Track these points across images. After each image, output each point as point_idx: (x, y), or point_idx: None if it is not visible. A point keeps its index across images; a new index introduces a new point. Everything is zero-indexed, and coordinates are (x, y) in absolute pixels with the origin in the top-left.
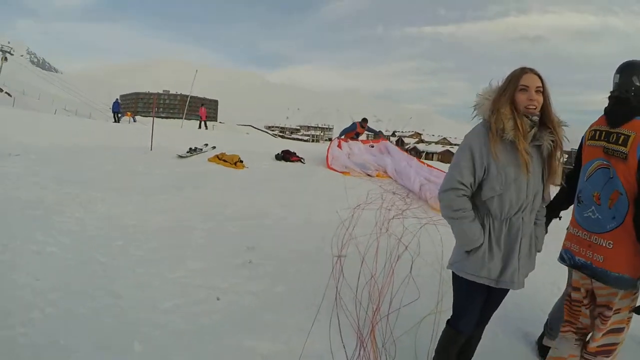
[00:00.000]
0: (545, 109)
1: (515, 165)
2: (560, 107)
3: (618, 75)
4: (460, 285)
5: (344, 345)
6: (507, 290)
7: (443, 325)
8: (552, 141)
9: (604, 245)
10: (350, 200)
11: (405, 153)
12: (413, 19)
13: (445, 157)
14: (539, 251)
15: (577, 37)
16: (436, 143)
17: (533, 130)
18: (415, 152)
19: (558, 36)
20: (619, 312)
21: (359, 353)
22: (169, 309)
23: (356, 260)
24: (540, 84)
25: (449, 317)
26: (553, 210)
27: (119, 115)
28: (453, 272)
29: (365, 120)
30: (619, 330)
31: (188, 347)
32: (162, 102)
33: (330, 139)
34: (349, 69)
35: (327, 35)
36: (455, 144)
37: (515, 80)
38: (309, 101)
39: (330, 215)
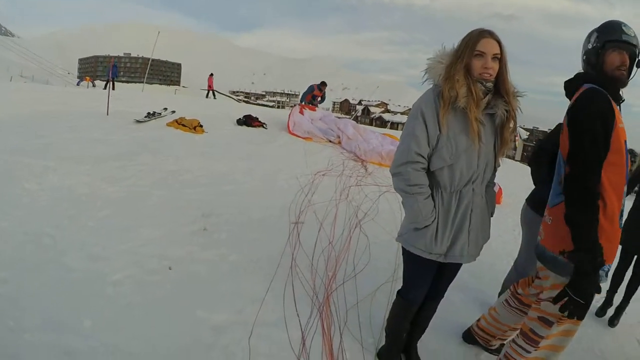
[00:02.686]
0: (501, 77)
1: (466, 134)
2: (533, 86)
3: None
4: (409, 258)
5: (297, 314)
6: (460, 264)
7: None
8: (506, 111)
9: (546, 221)
10: (311, 166)
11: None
12: None
13: None
14: (491, 215)
15: (550, 19)
16: (402, 113)
17: (487, 98)
18: (381, 122)
19: (531, 16)
20: (549, 301)
21: (313, 321)
22: (120, 280)
23: (314, 228)
24: (498, 51)
25: (401, 286)
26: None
27: (112, 81)
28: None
29: (323, 83)
30: (547, 323)
31: (139, 320)
32: (122, 65)
33: (293, 106)
34: (319, 36)
35: (299, 0)
36: None
37: (472, 45)
38: (276, 67)
39: (291, 181)
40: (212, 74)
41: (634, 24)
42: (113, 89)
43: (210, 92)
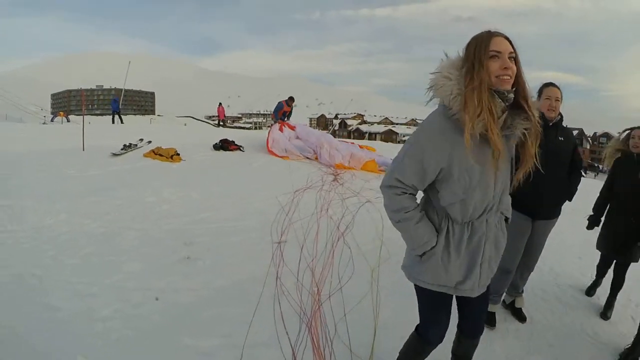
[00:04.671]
0: (520, 81)
1: (482, 163)
2: None
3: None
4: (419, 291)
5: (287, 332)
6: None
7: (383, 301)
8: (526, 129)
9: None
10: (290, 184)
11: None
12: (350, 2)
13: (388, 137)
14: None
15: (509, 17)
16: (378, 123)
17: (504, 116)
18: (359, 134)
19: (491, 17)
20: None
21: (303, 336)
22: (108, 315)
23: (297, 245)
24: (513, 50)
25: (418, 323)
26: None
27: (117, 115)
28: None
29: (291, 98)
30: None
31: (130, 354)
32: (95, 98)
33: (271, 125)
34: (285, 53)
35: (261, 19)
36: (397, 123)
37: (484, 47)
38: (248, 88)
39: (270, 201)
40: (220, 104)
41: (592, 13)
42: (122, 122)
43: (221, 121)
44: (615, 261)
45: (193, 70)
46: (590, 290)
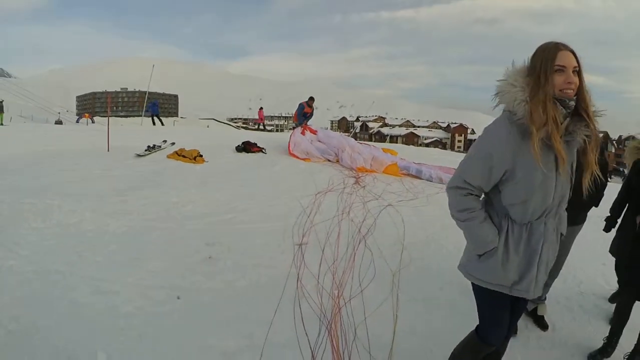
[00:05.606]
0: (581, 94)
1: (546, 167)
2: None
3: None
4: (478, 293)
5: (306, 333)
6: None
7: (403, 306)
8: (586, 136)
9: None
10: (312, 187)
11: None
12: (370, 5)
13: (409, 139)
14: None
15: (532, 18)
16: (400, 126)
17: (565, 122)
18: (380, 136)
19: (513, 18)
20: None
21: (322, 339)
22: (131, 312)
23: (318, 248)
24: (577, 64)
25: (478, 324)
26: None
27: (157, 117)
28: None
29: (311, 98)
30: None
31: (151, 351)
32: (120, 100)
33: (293, 128)
34: (309, 57)
35: (285, 24)
36: (418, 126)
37: (550, 60)
38: (271, 91)
39: (292, 203)
40: (261, 108)
41: (614, 12)
42: (162, 124)
43: (261, 124)
44: None
45: (217, 74)
46: (615, 298)
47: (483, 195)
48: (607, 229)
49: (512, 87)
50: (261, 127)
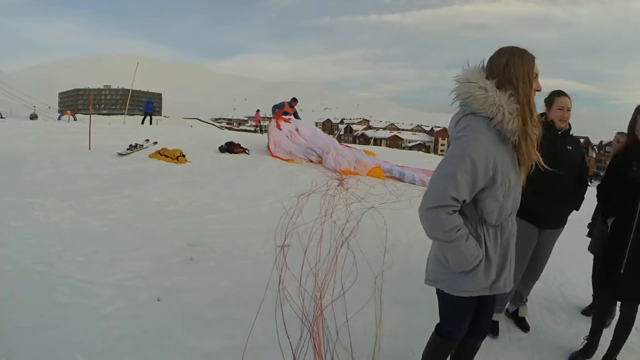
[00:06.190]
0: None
1: (514, 168)
2: None
3: None
4: (446, 299)
5: (287, 335)
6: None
7: (385, 308)
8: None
9: None
10: (295, 188)
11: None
12: (360, 7)
13: (393, 142)
14: None
15: (520, 25)
16: (384, 129)
17: None
18: (364, 139)
19: (502, 24)
20: None
21: (304, 341)
22: (111, 314)
23: (301, 250)
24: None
25: (439, 323)
26: None
27: (149, 116)
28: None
29: (294, 99)
30: None
31: (131, 353)
32: (103, 98)
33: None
34: (297, 59)
35: (274, 25)
36: (402, 129)
37: (531, 68)
38: (256, 91)
39: (275, 205)
40: (258, 110)
41: (600, 22)
42: (150, 123)
43: (259, 127)
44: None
45: (203, 73)
46: (588, 312)
47: None
48: (590, 234)
49: (483, 90)
50: (258, 130)
